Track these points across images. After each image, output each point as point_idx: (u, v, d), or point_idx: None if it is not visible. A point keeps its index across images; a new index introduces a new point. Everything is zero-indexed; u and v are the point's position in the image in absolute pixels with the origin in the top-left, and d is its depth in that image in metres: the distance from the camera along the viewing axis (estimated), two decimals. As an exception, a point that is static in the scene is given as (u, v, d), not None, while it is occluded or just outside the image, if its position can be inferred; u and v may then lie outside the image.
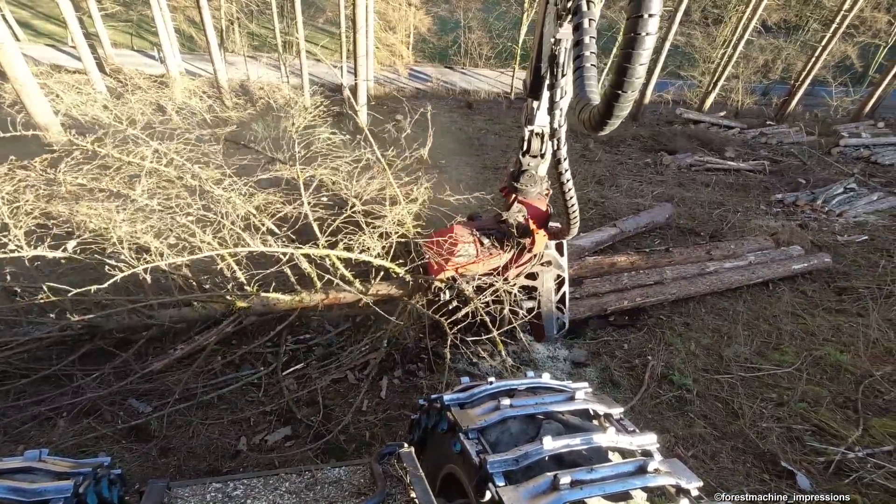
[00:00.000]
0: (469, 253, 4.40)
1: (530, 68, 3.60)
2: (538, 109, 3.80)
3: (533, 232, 4.21)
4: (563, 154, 3.10)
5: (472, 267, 4.58)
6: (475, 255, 4.41)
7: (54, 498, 2.02)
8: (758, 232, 9.45)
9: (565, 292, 5.07)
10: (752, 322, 6.73)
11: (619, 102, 2.02)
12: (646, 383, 5.41)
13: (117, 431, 4.38)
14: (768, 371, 5.76)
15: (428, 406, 3.00)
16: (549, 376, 2.98)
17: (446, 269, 4.55)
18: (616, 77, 2.00)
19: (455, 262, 4.47)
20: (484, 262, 4.55)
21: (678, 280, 7.12)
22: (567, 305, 5.14)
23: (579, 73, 2.34)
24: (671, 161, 14.39)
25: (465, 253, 4.36)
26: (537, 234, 4.22)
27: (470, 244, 4.40)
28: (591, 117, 2.18)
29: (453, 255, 4.39)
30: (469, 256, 4.43)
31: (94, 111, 11.49)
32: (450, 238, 4.56)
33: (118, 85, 13.96)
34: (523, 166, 4.11)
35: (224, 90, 14.65)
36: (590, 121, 2.20)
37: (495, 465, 2.20)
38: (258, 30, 23.47)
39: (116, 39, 20.56)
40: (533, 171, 4.12)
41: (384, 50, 22.83)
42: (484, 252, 4.47)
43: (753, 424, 5.00)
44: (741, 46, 19.80)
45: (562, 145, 3.06)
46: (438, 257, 4.60)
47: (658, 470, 2.23)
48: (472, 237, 4.45)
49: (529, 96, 3.76)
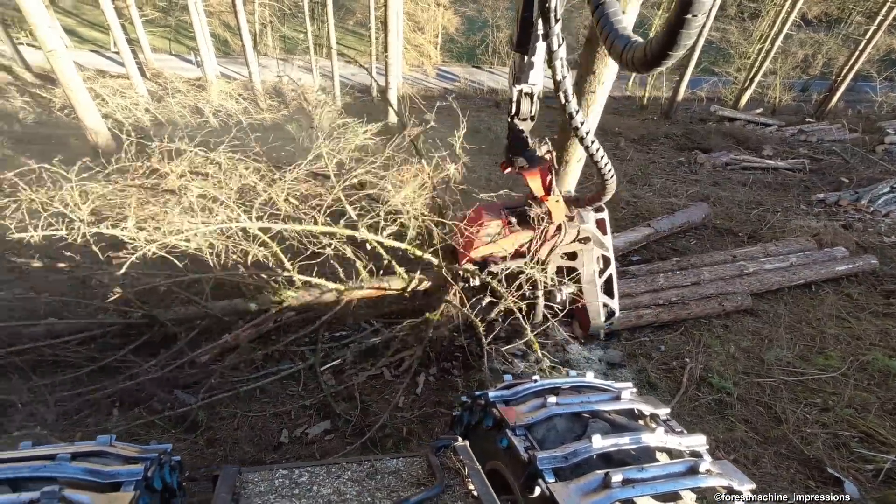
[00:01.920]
0: (496, 234, 4.15)
1: (517, 20, 3.22)
2: (528, 66, 3.40)
3: (543, 200, 3.89)
4: (574, 106, 2.76)
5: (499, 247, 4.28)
6: (503, 236, 4.16)
7: (126, 481, 2.15)
8: (799, 232, 9.16)
9: (612, 275, 4.66)
10: (794, 325, 6.54)
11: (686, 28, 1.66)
12: (684, 386, 5.33)
13: (166, 421, 4.56)
14: (812, 376, 5.60)
15: (471, 403, 3.04)
16: (593, 375, 2.99)
17: (474, 253, 4.30)
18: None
19: (483, 244, 4.19)
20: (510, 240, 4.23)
21: (716, 281, 6.98)
22: (616, 290, 4.72)
23: (601, 10, 1.99)
24: (705, 160, 14.07)
25: (492, 233, 4.12)
26: (548, 200, 3.89)
27: (497, 224, 4.13)
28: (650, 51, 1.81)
29: (480, 237, 4.15)
30: (496, 237, 4.18)
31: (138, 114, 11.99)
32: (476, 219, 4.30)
33: (159, 89, 14.45)
34: (514, 131, 3.78)
35: (258, 92, 15.01)
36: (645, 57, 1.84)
37: (545, 461, 2.23)
38: (290, 33, 23.93)
39: (155, 44, 21.28)
40: (527, 135, 3.76)
41: (412, 50, 23.00)
42: (513, 231, 4.18)
43: (797, 430, 4.87)
44: (779, 41, 19.21)
45: (570, 97, 2.71)
46: (465, 242, 4.36)
47: (709, 471, 2.22)
48: (498, 216, 4.17)
49: (517, 51, 3.35)
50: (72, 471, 2.11)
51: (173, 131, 6.06)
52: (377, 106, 16.92)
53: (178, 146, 5.33)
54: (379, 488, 1.97)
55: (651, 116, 20.06)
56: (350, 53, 24.87)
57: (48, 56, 7.89)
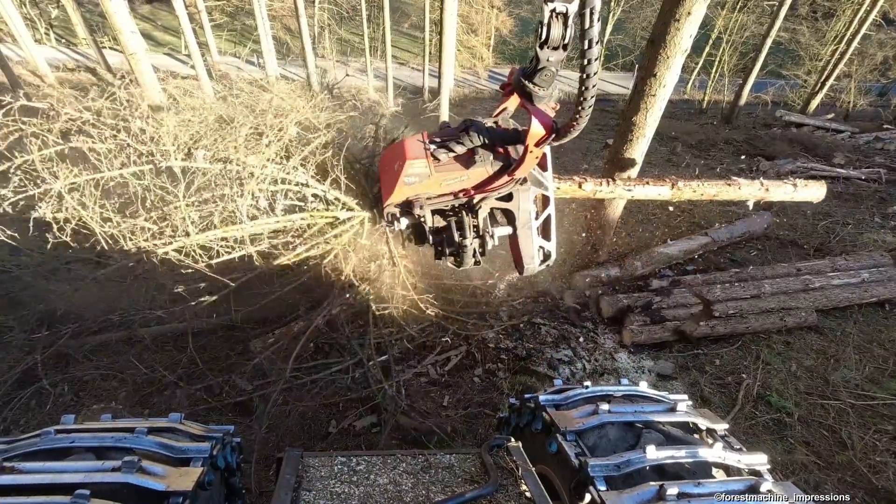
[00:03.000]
0: (420, 173, 3.51)
1: None
2: None
3: (526, 149, 3.24)
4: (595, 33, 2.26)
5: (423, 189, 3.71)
6: (429, 174, 3.52)
7: (195, 457, 2.30)
8: (872, 247, 8.55)
9: (550, 215, 4.05)
10: (865, 345, 6.12)
11: None
12: (740, 402, 5.11)
13: (225, 405, 4.82)
14: (883, 400, 5.22)
15: (520, 405, 3.05)
16: (647, 385, 2.93)
17: (393, 197, 3.72)
18: None
19: (406, 185, 3.60)
20: (441, 182, 3.64)
21: (777, 295, 6.63)
22: (553, 231, 4.08)
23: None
24: (769, 167, 13.36)
25: (415, 173, 3.50)
26: (531, 151, 3.24)
27: (421, 162, 3.48)
28: None
29: (401, 177, 3.55)
30: (420, 177, 3.53)
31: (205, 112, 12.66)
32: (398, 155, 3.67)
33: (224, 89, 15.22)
34: (541, 63, 3.29)
35: (316, 93, 15.53)
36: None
37: (597, 468, 2.21)
38: (347, 35, 24.60)
39: (221, 47, 22.42)
40: (553, 69, 3.26)
41: (465, 52, 23.11)
42: (441, 169, 3.55)
43: (865, 457, 4.57)
44: (856, 42, 17.95)
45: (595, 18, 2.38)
46: (389, 180, 3.77)
47: (771, 492, 2.13)
48: (423, 153, 3.51)
49: None
50: (148, 444, 2.28)
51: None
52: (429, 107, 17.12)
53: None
54: (433, 482, 2.02)
55: (710, 121, 19.24)
56: (404, 56, 25.29)
57: (129, 59, 8.49)
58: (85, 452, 2.28)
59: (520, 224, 3.93)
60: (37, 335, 5.10)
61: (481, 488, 1.93)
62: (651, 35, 5.18)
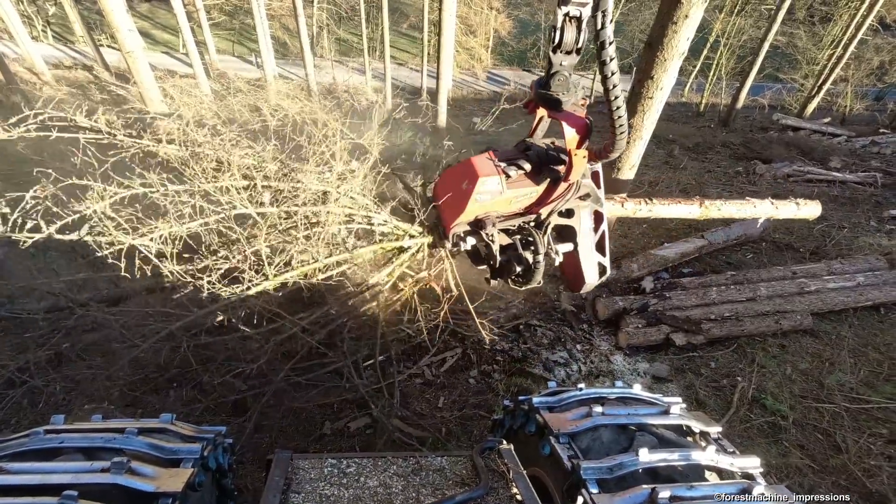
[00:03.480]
0: (492, 189, 3.48)
1: None
2: None
3: (570, 153, 3.30)
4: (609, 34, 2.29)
5: (496, 206, 3.68)
6: (501, 191, 3.50)
7: (185, 458, 2.29)
8: (868, 250, 8.59)
9: (605, 231, 4.17)
10: (860, 349, 6.13)
11: None
12: (734, 405, 5.11)
13: (218, 404, 4.79)
14: (878, 404, 5.23)
15: (514, 407, 3.04)
16: (640, 387, 2.93)
17: (465, 213, 3.69)
18: None
19: (477, 203, 3.55)
20: (512, 199, 3.65)
21: (773, 298, 6.64)
22: (608, 246, 4.20)
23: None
24: (765, 170, 13.40)
25: (487, 190, 3.47)
26: (575, 154, 3.29)
27: (494, 178, 3.46)
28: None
29: (472, 195, 3.53)
30: (493, 194, 3.50)
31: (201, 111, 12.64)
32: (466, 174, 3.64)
33: (222, 88, 15.19)
34: (553, 67, 3.17)
35: (313, 93, 15.50)
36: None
37: (589, 471, 2.20)
38: (345, 35, 24.59)
39: (219, 46, 22.37)
40: (566, 73, 3.18)
41: (463, 53, 23.12)
42: (512, 186, 3.55)
43: (859, 461, 4.57)
44: (853, 46, 18.03)
45: (608, 20, 2.27)
46: (454, 200, 3.74)
47: (763, 495, 2.13)
48: (494, 169, 3.51)
49: None
50: (138, 444, 2.27)
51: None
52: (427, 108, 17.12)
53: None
54: (424, 484, 2.01)
55: (708, 124, 19.30)
56: (402, 56, 25.30)
57: (126, 57, 8.47)
58: (74, 453, 2.26)
59: (581, 239, 4.03)
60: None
61: (471, 491, 1.92)
62: (648, 38, 5.19)
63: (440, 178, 4.08)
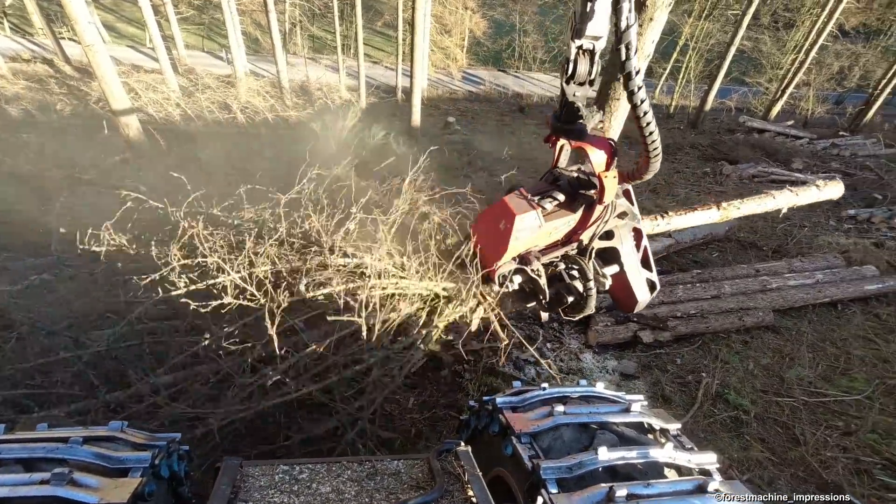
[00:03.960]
0: (531, 225, 3.49)
1: None
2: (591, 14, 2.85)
3: (600, 176, 3.33)
4: (635, 64, 2.33)
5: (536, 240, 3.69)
6: (539, 225, 3.51)
7: (134, 467, 2.20)
8: (827, 249, 8.90)
9: (647, 246, 4.13)
10: (818, 344, 6.35)
11: None
12: (699, 401, 5.22)
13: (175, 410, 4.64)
14: (835, 397, 5.42)
15: (479, 407, 3.03)
16: (604, 386, 2.95)
17: (507, 253, 3.68)
18: None
19: (518, 241, 3.56)
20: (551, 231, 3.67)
21: (737, 295, 6.82)
22: (652, 261, 4.14)
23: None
24: (732, 171, 13.78)
25: (526, 227, 3.48)
26: (605, 176, 3.32)
27: (531, 214, 3.47)
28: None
29: (512, 234, 3.54)
30: (532, 229, 3.51)
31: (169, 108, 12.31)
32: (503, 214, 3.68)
33: (190, 84, 14.80)
34: (568, 98, 3.24)
35: (285, 90, 15.25)
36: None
37: (549, 471, 2.20)
38: (319, 32, 24.28)
39: (188, 41, 21.81)
40: (580, 104, 3.25)
41: (439, 53, 23.10)
42: (550, 218, 3.57)
43: (816, 453, 4.72)
44: (814, 52, 18.69)
45: (632, 52, 2.30)
46: (494, 241, 3.77)
47: (718, 491, 2.16)
48: (529, 205, 3.53)
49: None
50: (82, 454, 2.17)
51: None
52: (402, 107, 17.04)
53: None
54: (378, 489, 1.98)
55: (677, 126, 19.74)
56: (377, 54, 25.12)
57: (86, 50, 8.15)
58: (14, 464, 2.15)
59: (625, 259, 4.01)
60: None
61: (425, 495, 1.89)
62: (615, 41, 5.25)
63: (475, 222, 4.12)
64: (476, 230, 4.08)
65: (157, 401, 4.12)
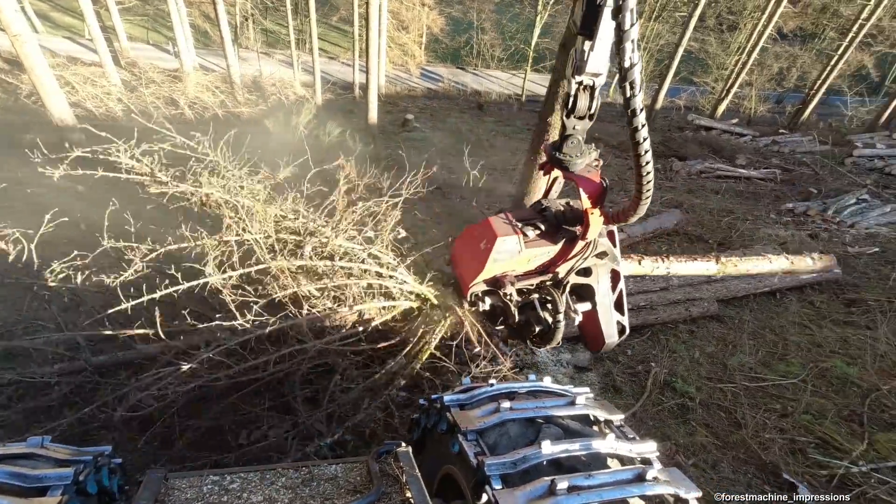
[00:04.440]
0: (510, 249, 3.54)
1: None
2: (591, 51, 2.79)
3: (586, 213, 3.41)
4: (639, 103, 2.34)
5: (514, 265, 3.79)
6: (519, 250, 3.57)
7: (55, 485, 2.05)
8: (767, 241, 9.36)
9: (622, 290, 4.26)
10: (758, 331, 6.68)
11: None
12: (648, 390, 5.39)
13: (123, 422, 4.42)
14: (773, 382, 5.71)
15: (428, 406, 3.01)
16: (551, 380, 2.99)
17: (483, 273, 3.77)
18: None
19: (496, 262, 3.65)
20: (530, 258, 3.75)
21: (684, 287, 7.08)
22: (626, 305, 4.33)
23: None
24: (681, 167, 14.31)
25: (506, 249, 3.54)
26: (591, 214, 3.38)
27: (512, 238, 3.54)
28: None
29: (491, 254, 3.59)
30: (511, 253, 3.57)
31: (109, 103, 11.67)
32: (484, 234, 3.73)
33: (133, 78, 14.09)
34: (567, 130, 3.31)
35: (236, 86, 14.75)
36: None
37: (493, 467, 2.21)
38: (272, 26, 23.62)
39: (132, 33, 20.77)
40: (579, 137, 3.33)
41: (396, 49, 22.90)
42: (530, 245, 3.63)
43: (756, 435, 4.96)
44: (756, 53, 19.64)
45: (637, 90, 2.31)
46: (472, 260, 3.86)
47: (657, 478, 2.22)
48: (512, 230, 3.60)
49: (580, 33, 2.75)
50: (-4, 474, 2.01)
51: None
52: (359, 103, 16.80)
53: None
54: (313, 496, 1.92)
55: (630, 123, 20.30)
56: (333, 50, 24.68)
57: (13, 40, 7.61)
58: (-84, 490, 1.98)
59: (599, 298, 4.04)
60: None
61: (362, 498, 1.86)
62: (562, 39, 5.34)
63: (458, 238, 4.13)
64: (457, 246, 4.12)
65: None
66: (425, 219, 8.88)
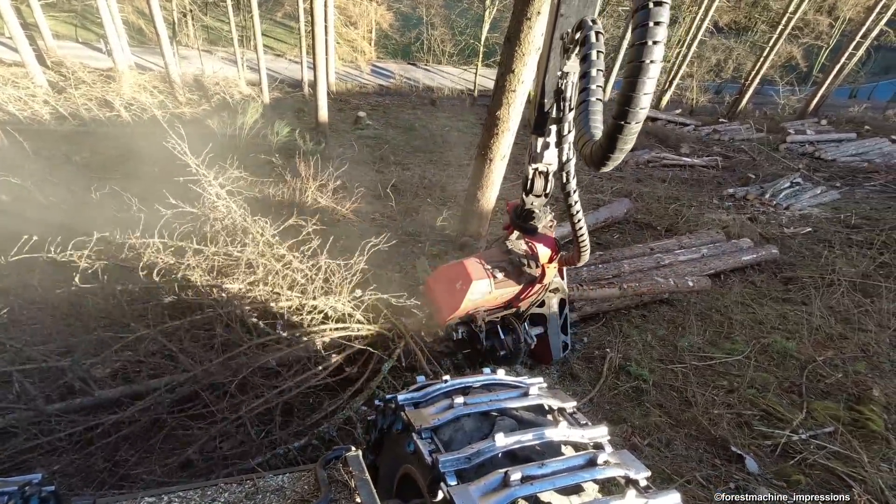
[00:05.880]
0: (483, 290, 4.26)
1: (534, 104, 3.60)
2: (543, 147, 3.68)
3: (543, 266, 4.24)
4: (573, 187, 3.13)
5: (486, 302, 4.50)
6: (490, 291, 4.29)
7: (-29, 521, 1.89)
8: (710, 225, 9.79)
9: (567, 315, 5.22)
10: (705, 313, 6.97)
11: (623, 134, 1.92)
12: (604, 375, 5.53)
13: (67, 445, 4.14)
14: (720, 360, 5.98)
15: (383, 406, 2.96)
16: (504, 372, 2.99)
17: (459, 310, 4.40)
18: (619, 107, 1.89)
19: (470, 301, 4.30)
20: (498, 296, 4.49)
21: (635, 273, 7.31)
22: (569, 327, 5.33)
23: (584, 106, 2.35)
24: (629, 157, 14.74)
25: (479, 290, 4.25)
26: (548, 266, 4.24)
27: (485, 281, 4.26)
28: (594, 152, 2.13)
29: (467, 295, 4.25)
30: (483, 293, 4.28)
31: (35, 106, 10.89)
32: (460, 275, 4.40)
33: (61, 79, 13.20)
34: (526, 205, 4.04)
35: (176, 85, 14.09)
36: (591, 156, 2.17)
37: (447, 463, 2.18)
38: (213, 23, 22.68)
39: (59, 30, 19.46)
40: (537, 211, 4.08)
41: (345, 45, 22.50)
42: (499, 286, 4.35)
43: (706, 412, 5.17)
44: (695, 46, 20.48)
45: (571, 178, 3.10)
46: (449, 297, 4.48)
47: (608, 462, 2.26)
48: (485, 273, 4.30)
49: (534, 133, 3.65)
50: None
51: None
52: (309, 102, 16.41)
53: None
54: (259, 510, 1.84)
55: (580, 115, 20.75)
56: (280, 47, 23.97)
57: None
58: None
59: (550, 324, 5.05)
60: None
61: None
62: (507, 33, 5.36)
63: (433, 275, 4.84)
64: (432, 283, 4.75)
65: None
66: (381, 217, 8.78)
